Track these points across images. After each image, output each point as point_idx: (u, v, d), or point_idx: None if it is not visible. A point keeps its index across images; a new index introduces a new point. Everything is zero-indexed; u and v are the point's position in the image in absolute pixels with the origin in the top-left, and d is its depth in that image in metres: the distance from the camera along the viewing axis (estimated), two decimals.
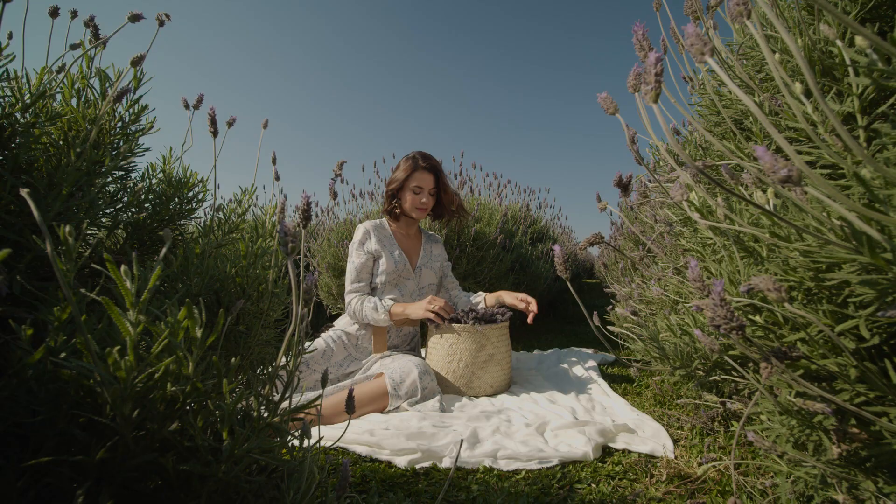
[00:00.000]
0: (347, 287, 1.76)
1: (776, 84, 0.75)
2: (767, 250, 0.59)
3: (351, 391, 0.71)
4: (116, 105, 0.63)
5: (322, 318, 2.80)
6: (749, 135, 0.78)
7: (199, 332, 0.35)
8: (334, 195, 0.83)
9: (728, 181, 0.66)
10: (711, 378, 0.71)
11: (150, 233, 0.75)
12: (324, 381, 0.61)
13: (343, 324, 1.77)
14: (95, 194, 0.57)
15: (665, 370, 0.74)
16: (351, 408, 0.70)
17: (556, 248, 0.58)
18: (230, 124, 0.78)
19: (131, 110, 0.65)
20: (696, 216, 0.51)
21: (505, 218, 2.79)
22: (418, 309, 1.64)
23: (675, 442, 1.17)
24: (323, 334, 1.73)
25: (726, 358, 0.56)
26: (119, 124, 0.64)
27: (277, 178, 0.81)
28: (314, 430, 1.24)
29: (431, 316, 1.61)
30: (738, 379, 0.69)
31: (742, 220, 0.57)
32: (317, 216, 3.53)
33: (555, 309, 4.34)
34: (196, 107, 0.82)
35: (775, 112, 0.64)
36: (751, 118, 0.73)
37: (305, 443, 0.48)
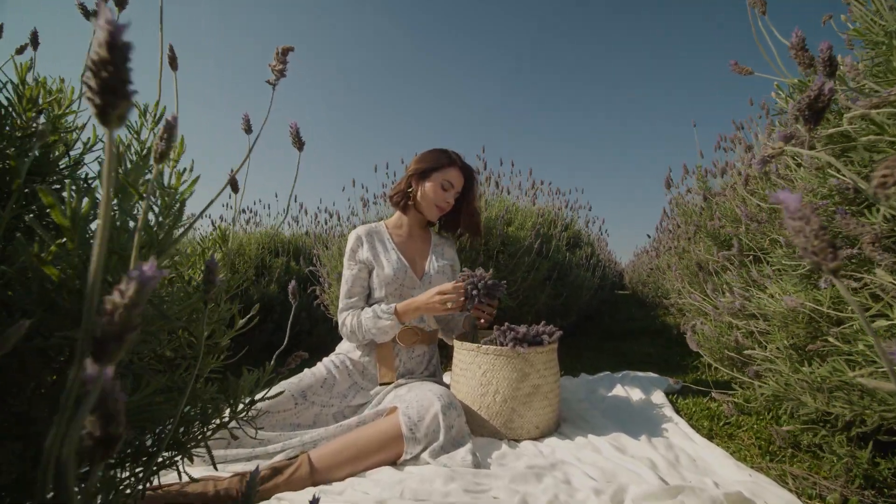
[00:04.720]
0: (340, 304, 1.44)
1: None
2: None
3: None
4: None
5: (334, 337, 2.51)
6: None
7: None
8: (299, 142, 0.53)
9: None
10: None
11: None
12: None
13: (346, 348, 1.46)
14: None
15: None
16: None
17: (787, 196, 0.23)
18: (121, 5, 0.49)
19: None
20: None
21: (542, 220, 2.45)
22: (424, 303, 1.32)
23: None
24: (324, 359, 1.43)
25: None
26: None
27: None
28: (304, 494, 0.92)
29: (443, 310, 1.29)
30: None
31: None
32: (335, 218, 3.35)
33: (593, 322, 3.91)
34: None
35: None
36: None
37: None
